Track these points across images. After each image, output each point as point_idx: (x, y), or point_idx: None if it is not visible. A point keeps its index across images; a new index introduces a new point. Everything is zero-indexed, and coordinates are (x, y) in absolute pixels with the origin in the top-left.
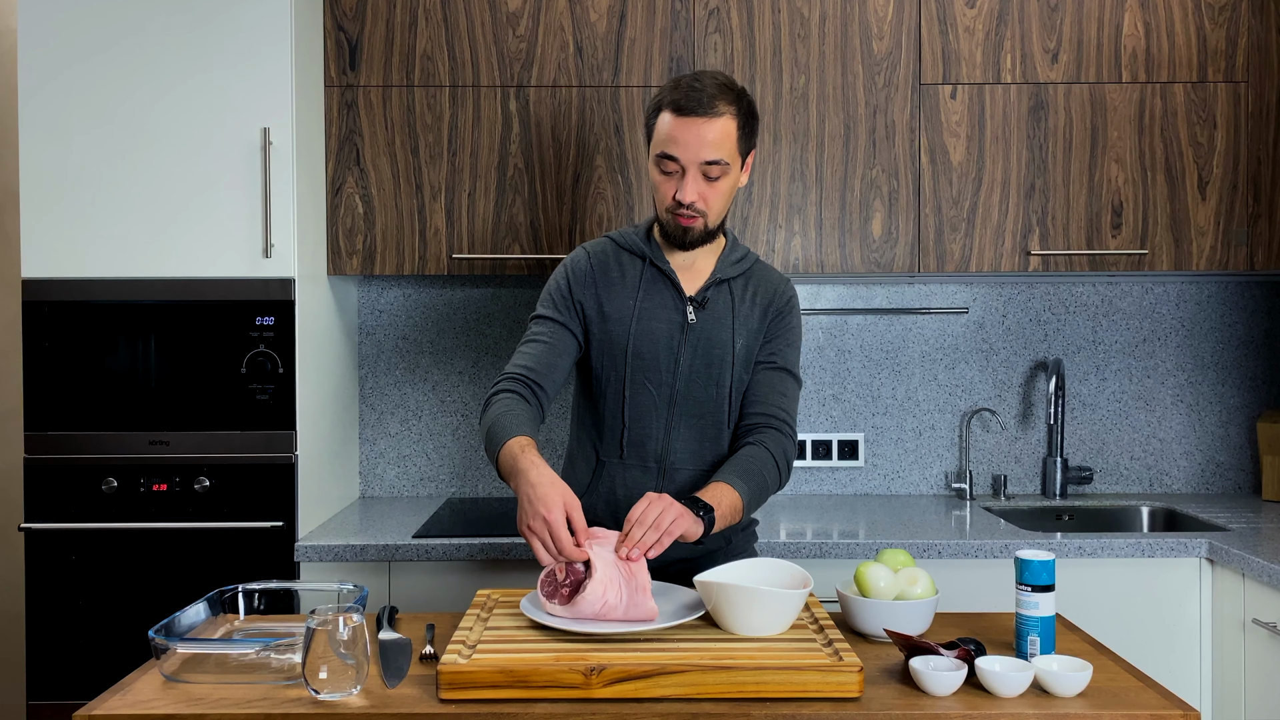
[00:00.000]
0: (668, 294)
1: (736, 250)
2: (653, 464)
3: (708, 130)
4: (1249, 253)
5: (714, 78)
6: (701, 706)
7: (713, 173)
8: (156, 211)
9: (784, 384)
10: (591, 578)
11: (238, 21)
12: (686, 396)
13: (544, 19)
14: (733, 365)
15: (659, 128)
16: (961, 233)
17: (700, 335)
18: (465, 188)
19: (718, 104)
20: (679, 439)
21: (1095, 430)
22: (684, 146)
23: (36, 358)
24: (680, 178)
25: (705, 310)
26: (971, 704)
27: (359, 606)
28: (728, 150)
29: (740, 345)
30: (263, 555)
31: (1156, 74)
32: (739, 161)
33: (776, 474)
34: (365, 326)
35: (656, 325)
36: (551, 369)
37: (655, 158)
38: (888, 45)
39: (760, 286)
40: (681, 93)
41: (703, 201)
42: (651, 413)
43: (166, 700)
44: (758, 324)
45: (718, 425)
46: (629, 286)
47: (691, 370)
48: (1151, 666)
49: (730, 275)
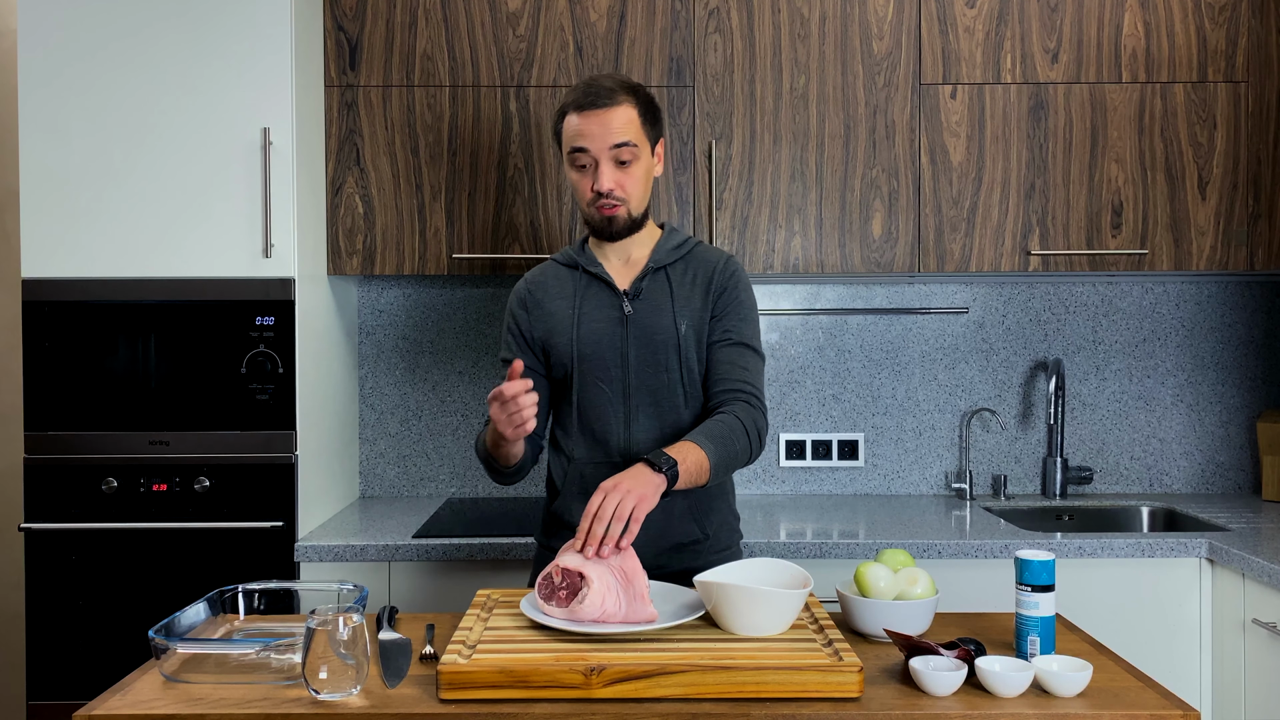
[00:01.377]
0: (604, 294)
1: (674, 238)
2: (618, 458)
3: (610, 118)
4: (1249, 253)
5: (610, 76)
6: (701, 706)
7: (623, 155)
8: (156, 211)
9: (744, 358)
10: (590, 587)
11: (238, 21)
12: (639, 387)
13: (544, 19)
14: (679, 348)
15: (566, 130)
16: (961, 233)
17: (641, 325)
18: (465, 188)
19: (616, 95)
20: (639, 429)
21: (1095, 430)
22: (590, 137)
23: (36, 358)
24: (594, 169)
25: (641, 300)
26: (971, 704)
27: (359, 606)
28: (633, 133)
29: (684, 327)
30: (263, 555)
31: (1156, 74)
32: (648, 147)
33: (747, 442)
34: (365, 326)
35: (597, 325)
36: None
37: (568, 156)
38: (888, 45)
39: (699, 268)
40: (579, 93)
41: (620, 188)
42: (609, 409)
43: (166, 700)
44: (700, 303)
45: (675, 409)
46: (567, 297)
47: (639, 361)
48: (1151, 666)
49: (667, 262)
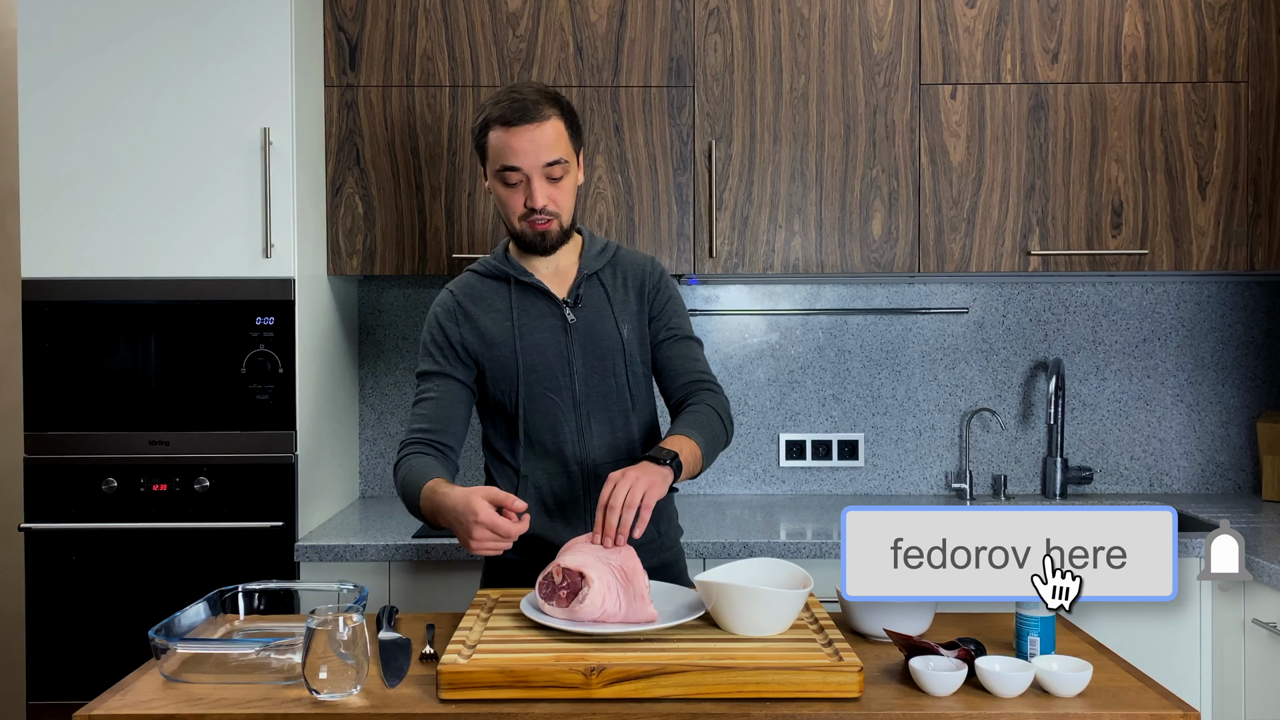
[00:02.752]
0: (542, 303)
1: (595, 243)
2: (574, 467)
3: (539, 135)
4: (1249, 253)
5: (530, 86)
6: (701, 706)
7: (555, 173)
8: (156, 212)
9: (692, 350)
10: (589, 587)
11: (238, 21)
12: (589, 395)
13: (544, 19)
14: (624, 353)
15: (492, 145)
16: (961, 233)
17: (585, 332)
18: (465, 188)
19: (543, 108)
20: (593, 437)
21: (1095, 430)
22: (522, 155)
23: (36, 358)
24: (526, 185)
25: (582, 307)
26: (971, 704)
27: (359, 606)
28: (563, 149)
29: (627, 331)
30: (263, 555)
31: (1156, 74)
32: (574, 159)
33: (723, 427)
34: (365, 326)
35: (540, 336)
36: (448, 421)
37: (496, 173)
38: (888, 45)
39: (629, 271)
40: (504, 107)
41: (553, 203)
42: (560, 419)
43: (166, 700)
44: (637, 306)
45: (625, 414)
46: (502, 309)
47: (587, 368)
48: (1151, 666)
49: (597, 267)
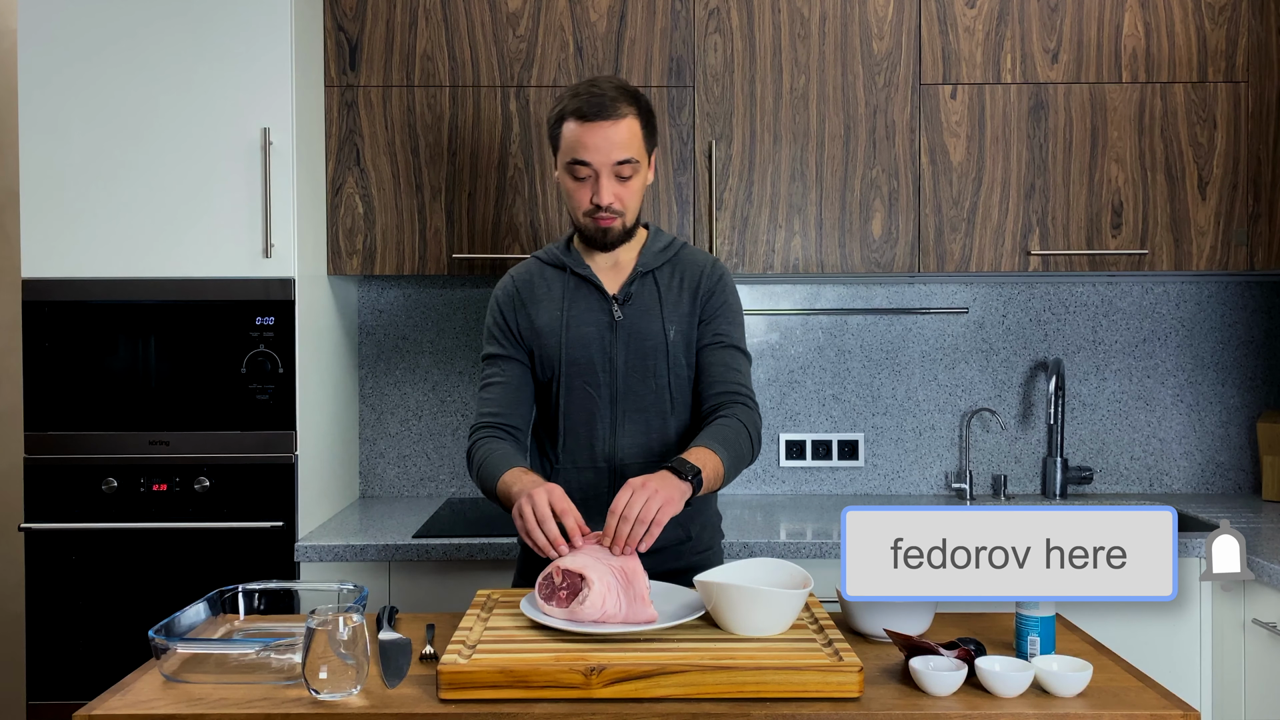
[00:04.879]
0: (592, 297)
1: (660, 240)
2: (602, 464)
3: (614, 133)
4: (1249, 253)
5: (610, 81)
6: (701, 706)
7: (624, 172)
8: (156, 211)
9: (736, 360)
10: (590, 588)
11: (238, 21)
12: (627, 394)
13: (544, 19)
14: (667, 354)
15: (565, 137)
16: (961, 233)
17: (630, 331)
18: (465, 188)
19: (620, 106)
20: (625, 436)
21: (1095, 430)
22: (594, 150)
23: (36, 358)
24: (594, 181)
25: (631, 305)
26: (971, 704)
27: (359, 606)
28: (635, 149)
29: (673, 333)
30: (263, 555)
31: (1156, 74)
32: (646, 159)
33: (750, 445)
34: (365, 326)
35: (586, 329)
36: (515, 405)
37: (566, 165)
38: (888, 45)
39: (686, 271)
40: (582, 100)
41: (619, 201)
42: (595, 415)
43: (166, 700)
44: (689, 308)
45: (661, 416)
46: (555, 298)
47: (628, 367)
48: (1151, 666)
49: (654, 265)
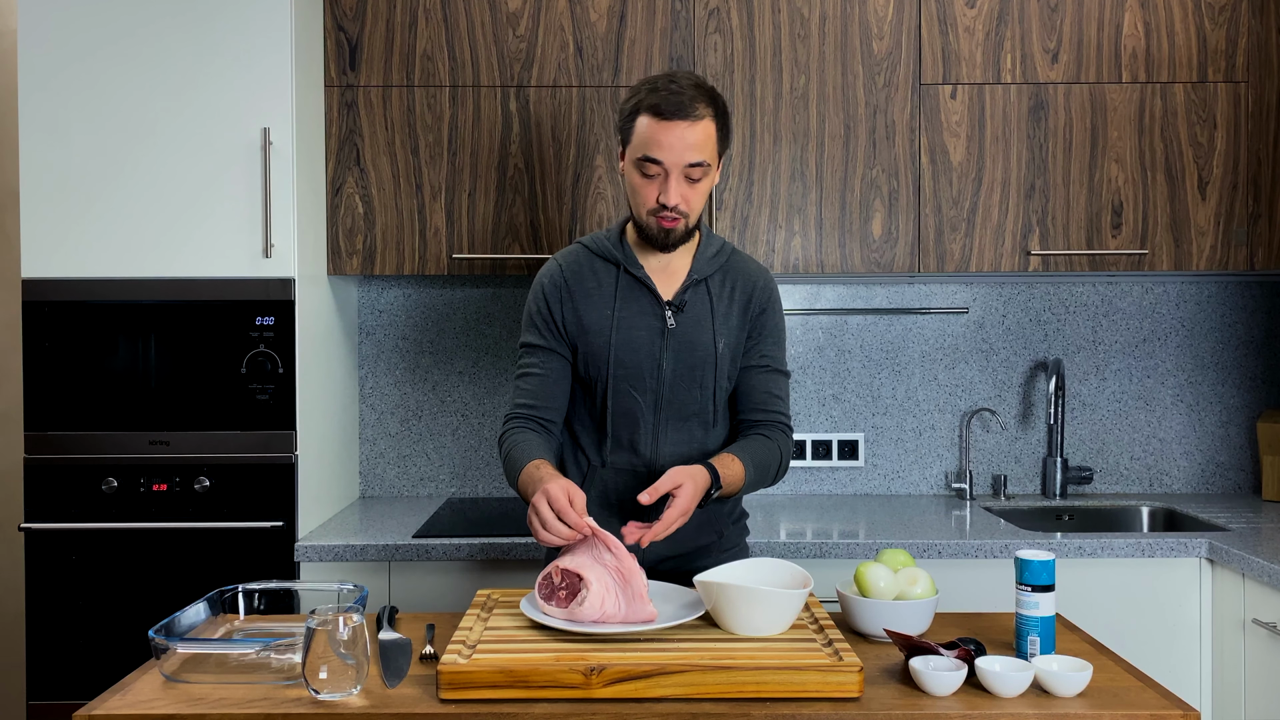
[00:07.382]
0: (645, 300)
1: (712, 244)
2: (642, 468)
3: (690, 134)
4: (1249, 253)
5: (688, 79)
6: (701, 706)
7: (695, 174)
8: (156, 211)
9: (778, 385)
10: (588, 590)
11: (238, 21)
12: (672, 401)
13: (544, 19)
14: (716, 365)
15: (638, 131)
16: (961, 233)
17: (681, 339)
18: (465, 188)
19: (698, 107)
20: (667, 442)
21: (1095, 430)
22: (668, 150)
23: (36, 358)
24: (663, 180)
25: (684, 314)
26: (971, 704)
27: (359, 606)
28: (709, 152)
29: (722, 345)
30: (263, 555)
31: (1156, 74)
32: (717, 162)
33: (777, 469)
34: (365, 326)
35: (636, 334)
36: (551, 398)
37: (636, 161)
38: (888, 45)
39: (738, 281)
40: (660, 96)
41: (685, 203)
42: (639, 418)
43: (166, 700)
44: (739, 322)
45: (705, 425)
46: (605, 295)
47: (675, 374)
48: (1151, 666)
49: (708, 273)
